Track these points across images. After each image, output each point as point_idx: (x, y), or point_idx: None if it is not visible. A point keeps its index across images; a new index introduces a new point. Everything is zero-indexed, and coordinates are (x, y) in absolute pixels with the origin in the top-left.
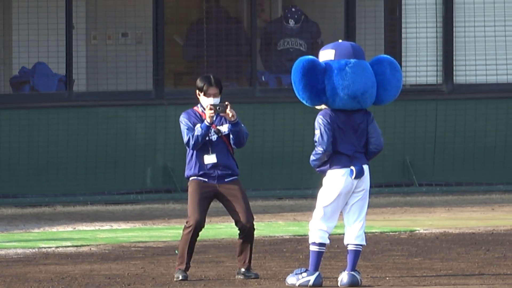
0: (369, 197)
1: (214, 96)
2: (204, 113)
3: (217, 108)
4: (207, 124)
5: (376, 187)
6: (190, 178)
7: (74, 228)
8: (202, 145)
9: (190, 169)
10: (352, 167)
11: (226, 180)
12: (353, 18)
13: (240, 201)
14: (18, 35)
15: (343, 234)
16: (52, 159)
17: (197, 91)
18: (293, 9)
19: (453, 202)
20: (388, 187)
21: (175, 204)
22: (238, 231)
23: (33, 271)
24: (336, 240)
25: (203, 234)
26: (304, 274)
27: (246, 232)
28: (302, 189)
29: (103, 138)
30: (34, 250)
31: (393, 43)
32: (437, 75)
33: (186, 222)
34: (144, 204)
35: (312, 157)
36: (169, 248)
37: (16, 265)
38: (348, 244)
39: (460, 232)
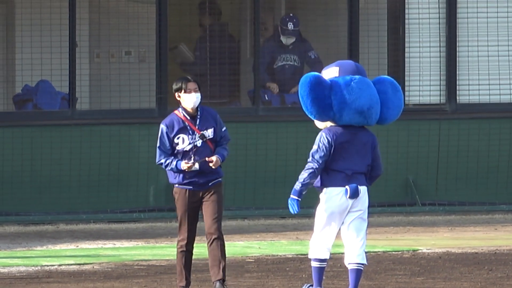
0: (371, 217)
1: (195, 91)
2: (186, 117)
3: (197, 163)
4: (182, 169)
5: (379, 207)
6: (175, 186)
7: (77, 246)
8: (184, 153)
9: (174, 177)
10: (347, 187)
11: (210, 184)
12: (356, 37)
13: (211, 206)
14: (21, 53)
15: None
16: (55, 177)
17: (176, 93)
18: (290, 14)
19: (456, 222)
20: (391, 206)
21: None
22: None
23: None
24: (339, 259)
25: (206, 252)
26: None
27: (211, 241)
28: (305, 208)
29: (106, 156)
30: (36, 268)
31: (397, 62)
32: (440, 95)
33: (178, 237)
34: (147, 223)
35: (303, 173)
36: (172, 267)
37: (19, 283)
38: (349, 264)
39: (463, 251)
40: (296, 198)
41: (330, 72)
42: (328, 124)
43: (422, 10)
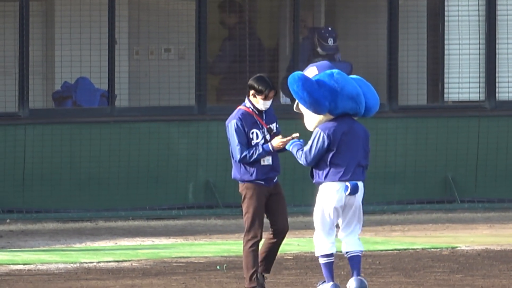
0: (409, 213)
1: (271, 98)
2: (254, 112)
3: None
4: (271, 149)
5: (418, 204)
6: (246, 182)
7: (116, 243)
8: (255, 147)
9: (248, 174)
10: (347, 183)
11: (274, 181)
12: (396, 35)
13: (282, 202)
14: (60, 50)
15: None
16: (94, 174)
17: (252, 91)
18: (329, 28)
19: (495, 219)
20: (430, 203)
21: (217, 220)
22: (271, 234)
23: (75, 286)
24: (377, 256)
25: (237, 250)
26: (322, 285)
27: (280, 235)
28: None
29: (145, 154)
30: (75, 265)
31: (436, 59)
32: (479, 92)
33: (248, 234)
34: (186, 220)
35: (297, 154)
36: (210, 264)
37: (58, 280)
38: (347, 252)
39: (502, 249)
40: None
41: (309, 73)
42: (318, 122)
43: (461, 7)
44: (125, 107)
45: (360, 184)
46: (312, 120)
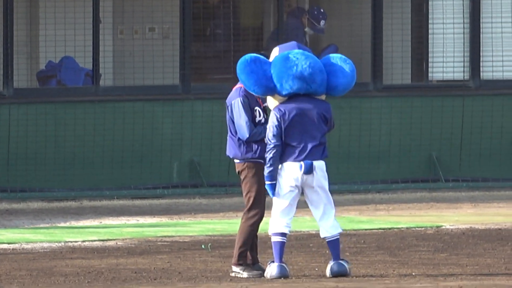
0: (394, 193)
1: None
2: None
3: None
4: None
5: (403, 183)
6: (249, 161)
7: (101, 222)
8: (259, 125)
9: (251, 151)
10: (302, 163)
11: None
12: (380, 14)
13: None
14: (45, 29)
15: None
16: (78, 153)
17: None
18: (321, 10)
19: (480, 198)
20: (415, 182)
21: (202, 199)
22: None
23: (59, 265)
24: (362, 235)
25: (229, 229)
26: (270, 265)
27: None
28: (329, 184)
29: (130, 133)
30: (60, 244)
31: (420, 38)
32: (464, 71)
33: (250, 212)
34: (170, 199)
35: (266, 156)
36: (195, 243)
37: (42, 259)
38: (324, 238)
39: (486, 228)
40: (269, 183)
41: (273, 54)
42: (275, 102)
43: None
44: (110, 86)
45: (318, 164)
46: (270, 101)
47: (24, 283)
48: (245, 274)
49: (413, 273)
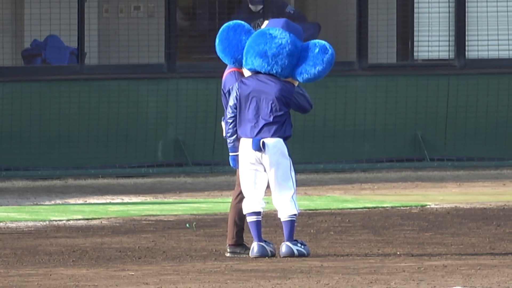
0: (379, 172)
1: None
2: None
3: None
4: None
5: (388, 162)
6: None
7: (85, 201)
8: None
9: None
10: (251, 139)
11: None
12: None
13: None
14: (30, 8)
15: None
16: (63, 132)
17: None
18: None
19: (465, 177)
20: (400, 162)
21: (186, 178)
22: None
23: (44, 244)
24: (347, 214)
25: (214, 208)
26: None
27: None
28: (313, 163)
29: (115, 112)
30: (45, 223)
31: (405, 17)
32: (449, 50)
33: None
34: (155, 178)
35: (228, 126)
36: (180, 222)
37: (27, 238)
38: (280, 218)
39: (471, 207)
40: (232, 154)
41: (263, 27)
42: (246, 75)
43: None
44: (95, 65)
45: (270, 141)
46: (245, 73)
47: (8, 262)
48: (245, 254)
49: (398, 252)
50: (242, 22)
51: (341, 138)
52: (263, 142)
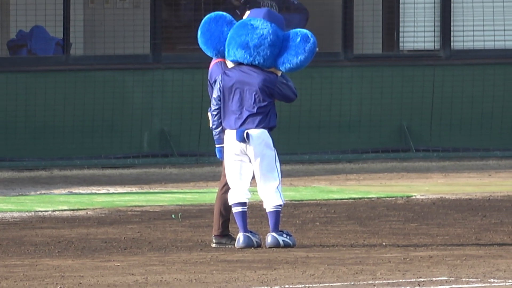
0: (364, 162)
1: None
2: None
3: None
4: None
5: (373, 153)
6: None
7: (71, 192)
8: None
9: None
10: (235, 130)
11: None
12: None
13: None
14: None
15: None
16: (49, 122)
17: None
18: None
19: (450, 168)
20: (385, 152)
21: (172, 169)
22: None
23: (30, 235)
24: (332, 205)
25: (200, 198)
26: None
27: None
28: (299, 154)
29: (100, 102)
30: (30, 214)
31: (391, 8)
32: (434, 41)
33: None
34: (141, 168)
35: (214, 118)
36: (165, 213)
37: (13, 229)
38: (265, 208)
39: (456, 198)
40: (217, 146)
41: (244, 17)
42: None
43: None
44: (80, 56)
45: (254, 132)
46: (228, 64)
47: None
48: (231, 245)
49: (383, 243)
50: (224, 13)
51: (327, 129)
52: (247, 133)
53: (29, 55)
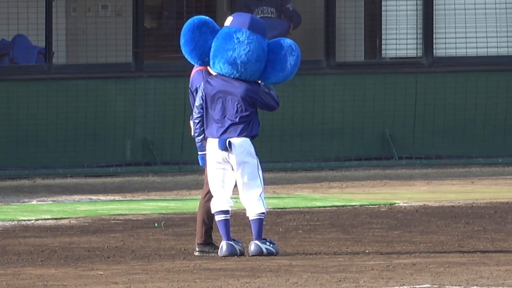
0: (347, 170)
1: None
2: None
3: None
4: None
5: (356, 160)
6: None
7: (54, 200)
8: None
9: None
10: (217, 139)
11: None
12: None
13: None
14: None
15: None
16: (31, 131)
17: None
18: None
19: (433, 175)
20: (368, 160)
21: (155, 177)
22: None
23: (12, 244)
24: (316, 212)
25: (183, 207)
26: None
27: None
28: (282, 162)
29: (83, 111)
30: (13, 223)
31: (373, 16)
32: (417, 48)
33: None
34: (123, 177)
35: (196, 126)
36: (148, 221)
37: None
38: (248, 216)
39: (439, 205)
40: (200, 153)
41: (226, 22)
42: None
43: None
44: (63, 65)
45: (236, 141)
46: (211, 71)
47: None
48: (214, 253)
49: (367, 251)
50: (206, 18)
51: (309, 137)
52: (229, 142)
53: (11, 64)
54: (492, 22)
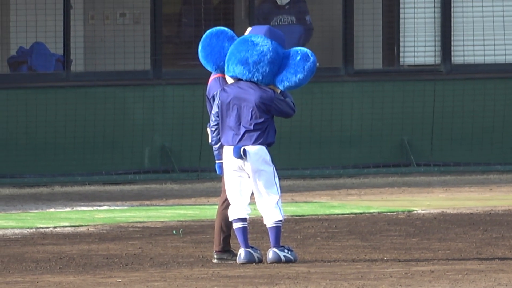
0: (365, 177)
1: None
2: None
3: None
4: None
5: (374, 167)
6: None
7: (72, 208)
8: None
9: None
10: (232, 147)
11: None
12: None
13: None
14: (16, 15)
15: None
16: (50, 139)
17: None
18: None
19: (451, 182)
20: (386, 167)
21: (173, 184)
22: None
23: (31, 251)
24: (334, 220)
25: (201, 214)
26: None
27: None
28: (300, 169)
29: (101, 118)
30: (31, 230)
31: (391, 23)
32: (435, 55)
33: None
34: (142, 184)
35: (213, 134)
36: (166, 228)
37: (14, 245)
38: (266, 224)
39: (458, 212)
40: (217, 162)
41: (246, 33)
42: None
43: None
44: (81, 72)
45: (252, 149)
46: (228, 80)
47: None
48: (232, 261)
49: (385, 258)
50: (226, 28)
51: (328, 144)
52: (244, 150)
53: (30, 72)
54: (510, 29)
